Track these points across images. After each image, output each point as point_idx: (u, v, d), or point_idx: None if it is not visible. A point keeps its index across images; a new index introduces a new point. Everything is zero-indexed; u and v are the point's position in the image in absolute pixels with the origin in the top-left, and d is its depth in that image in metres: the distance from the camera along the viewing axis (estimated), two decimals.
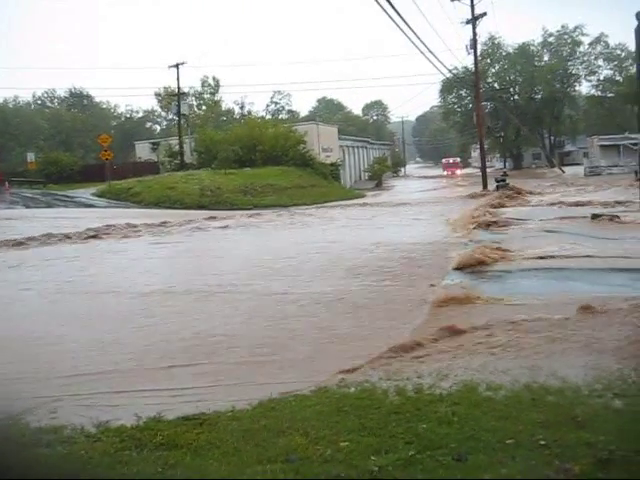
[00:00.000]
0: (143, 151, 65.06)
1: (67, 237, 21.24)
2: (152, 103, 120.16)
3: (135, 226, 24.00)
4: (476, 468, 4.07)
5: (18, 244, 19.77)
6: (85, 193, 41.76)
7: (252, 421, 5.23)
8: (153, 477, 4.26)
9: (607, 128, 68.32)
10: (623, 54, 75.27)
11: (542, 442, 4.39)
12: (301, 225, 25.54)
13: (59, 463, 4.56)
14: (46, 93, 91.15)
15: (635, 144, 50.67)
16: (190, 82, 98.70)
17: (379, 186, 64.66)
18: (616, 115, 73.72)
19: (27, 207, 34.49)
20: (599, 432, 4.50)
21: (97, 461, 4.51)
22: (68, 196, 40.60)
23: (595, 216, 20.99)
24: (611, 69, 78.46)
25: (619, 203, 25.54)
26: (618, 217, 20.31)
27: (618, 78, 76.08)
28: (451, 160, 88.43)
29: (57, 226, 23.84)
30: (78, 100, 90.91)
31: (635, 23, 7.25)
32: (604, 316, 8.29)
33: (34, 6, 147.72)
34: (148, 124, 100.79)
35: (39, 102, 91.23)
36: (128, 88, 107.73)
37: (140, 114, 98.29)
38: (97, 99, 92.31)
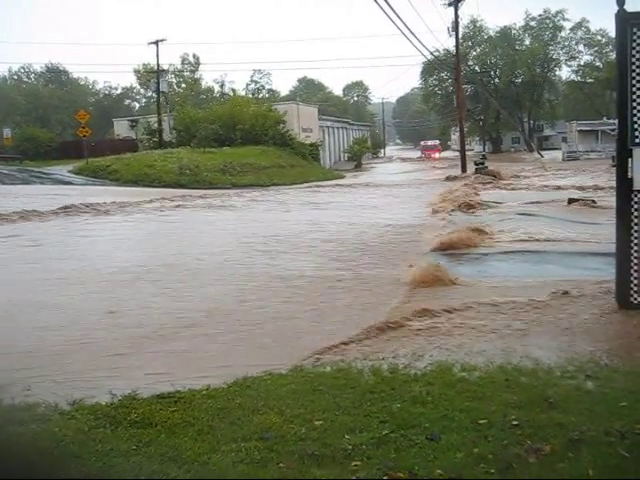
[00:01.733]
0: (121, 128, 64.44)
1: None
2: (131, 80, 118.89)
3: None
4: (449, 447, 4.11)
5: None
6: (62, 170, 41.27)
7: (227, 399, 5.22)
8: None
9: (586, 113, 68.97)
10: (603, 40, 75.67)
11: (514, 422, 4.44)
12: (279, 205, 25.44)
13: (32, 441, 4.53)
14: (23, 68, 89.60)
15: (613, 130, 51.03)
16: (170, 59, 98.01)
17: (358, 167, 64.63)
18: (595, 101, 74.34)
19: (3, 183, 34.04)
20: (570, 413, 4.56)
21: (71, 439, 4.47)
22: (45, 173, 40.10)
23: (572, 200, 21.19)
24: (591, 55, 79.02)
25: (595, 188, 25.80)
26: (594, 201, 20.52)
27: (598, 64, 76.53)
28: (430, 143, 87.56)
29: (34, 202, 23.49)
30: (55, 76, 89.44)
31: (616, 9, 7.27)
32: (578, 299, 8.38)
33: None
34: (127, 101, 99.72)
35: (15, 77, 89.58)
36: (107, 64, 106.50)
37: (119, 91, 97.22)
38: (75, 75, 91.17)
